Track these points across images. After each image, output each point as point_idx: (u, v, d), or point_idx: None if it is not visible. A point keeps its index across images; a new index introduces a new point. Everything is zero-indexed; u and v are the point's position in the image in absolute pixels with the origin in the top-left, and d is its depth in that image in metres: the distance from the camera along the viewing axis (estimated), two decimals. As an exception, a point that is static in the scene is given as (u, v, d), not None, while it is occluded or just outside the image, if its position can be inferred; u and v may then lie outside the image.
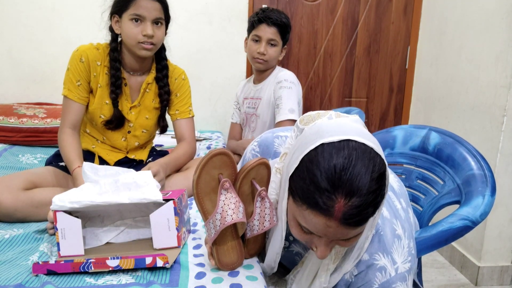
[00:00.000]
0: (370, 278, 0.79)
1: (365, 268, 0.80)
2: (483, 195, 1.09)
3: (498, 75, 1.88)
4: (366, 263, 0.81)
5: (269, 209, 0.87)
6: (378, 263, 0.80)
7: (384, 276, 0.79)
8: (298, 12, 2.60)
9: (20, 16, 2.35)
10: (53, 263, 0.89)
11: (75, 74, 1.39)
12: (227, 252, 0.91)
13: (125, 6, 1.34)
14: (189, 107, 1.59)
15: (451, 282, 2.04)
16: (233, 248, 0.91)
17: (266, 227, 0.88)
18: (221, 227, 0.84)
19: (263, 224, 0.88)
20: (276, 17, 1.76)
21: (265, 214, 0.87)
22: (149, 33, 1.34)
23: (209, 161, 0.84)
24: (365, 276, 0.80)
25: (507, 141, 1.87)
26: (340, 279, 0.83)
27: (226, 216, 0.83)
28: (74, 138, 1.38)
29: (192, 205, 1.36)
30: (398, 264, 0.80)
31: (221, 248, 0.90)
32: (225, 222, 0.83)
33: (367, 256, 0.81)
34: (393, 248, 0.81)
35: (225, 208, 0.84)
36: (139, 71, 1.48)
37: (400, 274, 0.79)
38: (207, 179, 0.85)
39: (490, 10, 1.95)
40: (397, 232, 0.84)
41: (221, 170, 0.86)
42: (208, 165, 0.84)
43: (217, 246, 0.90)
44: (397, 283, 0.78)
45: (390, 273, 0.79)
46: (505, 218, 1.96)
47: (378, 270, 0.79)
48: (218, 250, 0.90)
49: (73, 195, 0.96)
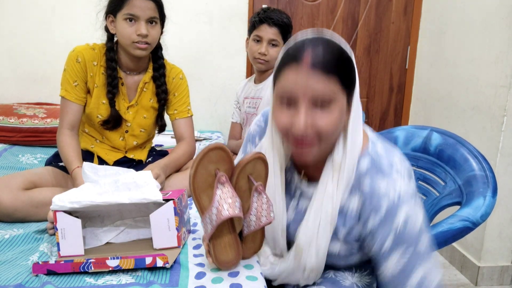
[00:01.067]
0: (375, 204, 0.80)
1: (369, 196, 0.81)
2: (484, 196, 1.09)
3: (498, 75, 1.88)
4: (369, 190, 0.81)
5: (266, 205, 0.86)
6: (380, 188, 0.79)
7: (389, 200, 0.78)
8: (298, 12, 2.59)
9: (20, 16, 2.35)
10: (53, 263, 0.89)
11: (71, 75, 1.39)
12: (224, 250, 0.89)
13: (119, 6, 1.34)
14: (188, 107, 1.58)
15: (451, 282, 2.04)
16: (231, 245, 0.89)
17: (263, 223, 0.88)
18: (217, 222, 0.82)
19: (260, 219, 0.87)
20: (277, 17, 1.76)
21: (262, 210, 0.86)
22: (143, 32, 1.34)
23: (206, 156, 0.82)
24: (370, 203, 0.81)
25: (507, 141, 1.87)
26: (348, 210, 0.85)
27: (222, 210, 0.81)
28: (72, 139, 1.38)
29: (192, 205, 1.36)
30: (401, 186, 0.79)
31: (218, 245, 0.88)
32: (221, 217, 0.81)
33: (368, 182, 0.81)
34: (393, 172, 0.80)
35: (221, 202, 0.82)
36: (135, 71, 1.48)
37: (405, 196, 0.78)
38: (204, 175, 0.83)
39: (490, 10, 1.95)
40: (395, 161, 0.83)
41: (218, 165, 0.84)
42: (204, 160, 0.82)
43: (214, 242, 0.88)
44: (403, 206, 0.78)
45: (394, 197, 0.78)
46: (505, 218, 1.96)
47: (382, 196, 0.79)
48: (215, 247, 0.88)
49: (73, 195, 0.96)
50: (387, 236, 0.79)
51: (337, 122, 0.78)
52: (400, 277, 0.78)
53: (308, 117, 0.76)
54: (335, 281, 0.95)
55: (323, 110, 0.76)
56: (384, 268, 0.80)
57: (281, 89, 0.78)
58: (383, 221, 0.79)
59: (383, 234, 0.79)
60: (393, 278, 0.79)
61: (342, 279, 0.96)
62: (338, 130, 0.81)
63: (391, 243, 0.79)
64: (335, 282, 0.95)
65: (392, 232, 0.78)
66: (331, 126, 0.77)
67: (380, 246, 0.80)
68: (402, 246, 0.78)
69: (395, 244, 0.78)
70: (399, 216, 0.78)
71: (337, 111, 0.77)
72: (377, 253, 0.81)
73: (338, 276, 0.97)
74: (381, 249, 0.80)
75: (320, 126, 0.77)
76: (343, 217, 0.86)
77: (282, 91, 0.78)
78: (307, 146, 0.79)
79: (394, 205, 0.78)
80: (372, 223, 0.81)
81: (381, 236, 0.79)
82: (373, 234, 0.81)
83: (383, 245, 0.79)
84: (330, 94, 0.75)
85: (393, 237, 0.78)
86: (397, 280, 0.79)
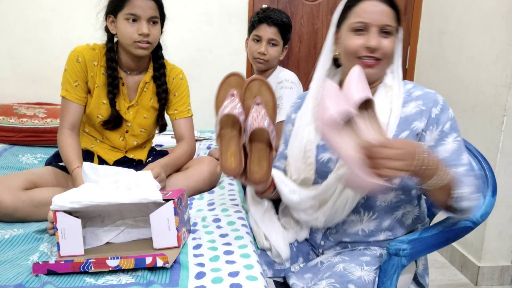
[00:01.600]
0: (434, 99, 1.04)
1: (424, 97, 1.04)
2: (484, 195, 1.09)
3: (498, 74, 1.88)
4: (423, 93, 1.05)
5: (261, 115, 1.01)
6: (431, 92, 1.05)
7: (441, 98, 1.04)
8: (298, 11, 2.60)
9: (20, 16, 2.35)
10: (53, 263, 0.89)
11: (72, 75, 1.40)
12: (229, 158, 1.04)
13: (120, 6, 1.35)
14: (188, 107, 1.59)
15: (451, 282, 2.04)
16: (235, 156, 1.04)
17: (254, 127, 1.01)
18: (219, 117, 1.01)
19: (253, 124, 1.01)
20: (276, 17, 1.76)
21: (257, 117, 1.01)
22: (144, 31, 1.34)
23: (226, 80, 1.06)
24: (429, 100, 1.03)
25: (507, 141, 1.87)
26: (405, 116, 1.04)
27: (225, 109, 1.00)
28: (73, 139, 1.38)
29: (192, 205, 1.36)
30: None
31: (225, 154, 1.04)
32: (223, 113, 1.00)
33: (419, 91, 1.06)
34: None
35: (227, 105, 1.01)
36: (136, 71, 1.48)
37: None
38: (224, 95, 1.05)
39: (490, 10, 1.95)
40: None
41: (236, 88, 1.05)
42: (225, 83, 1.06)
43: (222, 150, 1.04)
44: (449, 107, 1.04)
45: (442, 98, 1.05)
46: (505, 217, 1.96)
47: (435, 94, 1.05)
48: (222, 155, 1.04)
49: (73, 195, 0.96)
50: (447, 121, 1.01)
51: (394, 48, 1.03)
52: (454, 155, 1.00)
53: (377, 39, 1.01)
54: (344, 275, 0.96)
55: (387, 37, 1.02)
56: (442, 148, 1.01)
57: (356, 19, 1.02)
58: (442, 109, 1.02)
59: (444, 119, 1.01)
60: (450, 155, 1.00)
61: (351, 272, 0.97)
62: (392, 57, 1.05)
63: (449, 127, 1.01)
64: (343, 276, 0.96)
65: (449, 120, 1.02)
66: (391, 49, 1.02)
67: (442, 128, 1.01)
68: (455, 132, 1.02)
69: (451, 129, 1.01)
70: (450, 110, 1.03)
71: (394, 41, 1.03)
72: (439, 135, 1.02)
73: (347, 270, 0.98)
74: (443, 130, 1.01)
75: (384, 46, 1.01)
76: (401, 122, 1.03)
77: (356, 21, 1.02)
78: (373, 65, 1.02)
79: (445, 102, 1.03)
80: (435, 112, 1.02)
81: (443, 120, 1.01)
82: (437, 119, 1.01)
83: (444, 127, 1.01)
84: (393, 25, 1.01)
85: (450, 122, 1.02)
86: (452, 157, 1.00)
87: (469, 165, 1.01)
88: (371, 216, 1.08)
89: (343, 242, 1.11)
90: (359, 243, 1.10)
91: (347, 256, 1.05)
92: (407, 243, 0.98)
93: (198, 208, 1.31)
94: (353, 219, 1.09)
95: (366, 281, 0.95)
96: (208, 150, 2.02)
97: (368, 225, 1.08)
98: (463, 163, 1.00)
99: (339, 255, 1.07)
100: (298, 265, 1.14)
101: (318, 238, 1.15)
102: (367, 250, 1.08)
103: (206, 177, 1.47)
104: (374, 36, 1.00)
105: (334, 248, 1.13)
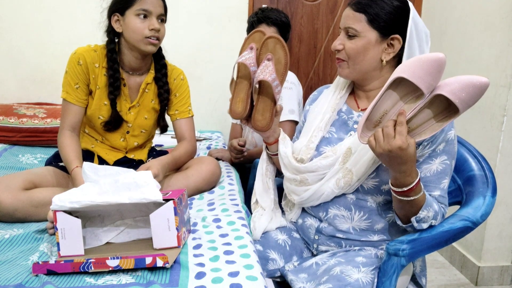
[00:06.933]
0: None
1: None
2: (484, 196, 1.09)
3: (498, 75, 1.88)
4: None
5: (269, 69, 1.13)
6: None
7: None
8: (298, 11, 2.60)
9: (20, 16, 2.35)
10: (53, 263, 0.89)
11: (73, 77, 1.40)
12: (237, 103, 1.20)
13: (130, 2, 1.36)
14: (189, 107, 1.59)
15: (451, 282, 2.04)
16: (242, 102, 1.19)
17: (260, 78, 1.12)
18: (236, 62, 1.19)
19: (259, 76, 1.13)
20: (275, 16, 1.76)
21: (265, 71, 1.13)
22: (156, 27, 1.37)
23: (252, 35, 1.20)
24: None
25: (507, 141, 1.87)
26: None
27: (241, 58, 1.17)
28: (73, 140, 1.39)
29: (192, 205, 1.36)
30: None
31: (235, 98, 1.20)
32: (238, 60, 1.17)
33: None
34: None
35: (244, 55, 1.17)
36: (138, 71, 1.48)
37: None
38: (246, 47, 1.19)
39: (490, 10, 1.95)
40: None
41: (257, 44, 1.18)
42: (250, 38, 1.20)
43: (234, 95, 1.20)
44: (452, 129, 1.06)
45: None
46: (505, 217, 1.96)
47: None
48: (233, 99, 1.20)
49: (73, 195, 0.96)
50: (442, 142, 1.03)
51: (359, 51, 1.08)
52: (435, 177, 1.04)
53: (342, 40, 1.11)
54: (341, 278, 0.97)
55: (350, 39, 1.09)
56: (427, 167, 1.04)
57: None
58: (443, 129, 1.02)
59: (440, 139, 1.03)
60: (431, 176, 1.04)
61: (348, 275, 0.98)
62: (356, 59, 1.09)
63: (442, 148, 1.04)
64: (340, 279, 0.96)
65: (444, 142, 1.03)
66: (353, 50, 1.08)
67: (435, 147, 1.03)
68: (446, 155, 1.04)
69: (443, 151, 1.04)
70: (451, 132, 1.04)
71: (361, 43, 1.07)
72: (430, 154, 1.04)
73: (344, 273, 0.98)
74: (435, 150, 1.04)
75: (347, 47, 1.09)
76: None
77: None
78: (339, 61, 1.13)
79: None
80: None
81: (439, 140, 1.03)
82: (434, 137, 1.02)
83: (437, 147, 1.03)
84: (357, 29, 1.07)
85: (445, 144, 1.04)
86: (432, 178, 1.04)
87: (444, 191, 1.06)
88: (362, 216, 1.10)
89: (336, 237, 1.13)
90: (352, 241, 1.12)
91: (343, 258, 1.06)
92: (406, 243, 0.98)
93: (198, 208, 1.32)
94: (343, 214, 1.12)
95: (364, 283, 0.96)
96: (208, 150, 2.02)
97: (359, 224, 1.11)
98: (441, 187, 1.05)
99: (334, 256, 1.08)
100: (293, 264, 1.15)
101: (312, 233, 1.17)
102: (361, 250, 1.10)
103: (206, 177, 1.47)
104: (339, 38, 1.12)
105: (328, 244, 1.15)
